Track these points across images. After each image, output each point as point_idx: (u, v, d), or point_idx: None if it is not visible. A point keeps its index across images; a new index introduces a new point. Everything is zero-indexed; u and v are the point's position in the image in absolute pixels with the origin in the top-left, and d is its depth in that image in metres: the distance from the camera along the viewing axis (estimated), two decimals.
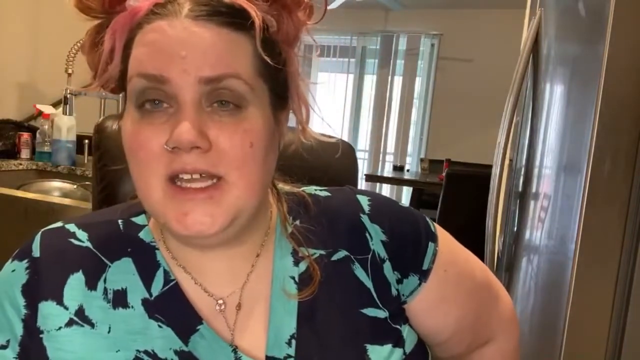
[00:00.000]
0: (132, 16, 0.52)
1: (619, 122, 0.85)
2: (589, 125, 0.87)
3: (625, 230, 0.86)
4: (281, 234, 0.62)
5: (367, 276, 0.61)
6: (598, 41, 0.87)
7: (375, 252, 0.62)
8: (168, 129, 0.49)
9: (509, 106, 1.35)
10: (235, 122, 0.50)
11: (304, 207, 0.64)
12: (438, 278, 0.64)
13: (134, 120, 0.51)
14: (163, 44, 0.49)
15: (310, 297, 0.59)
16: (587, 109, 0.90)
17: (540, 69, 1.36)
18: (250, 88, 0.51)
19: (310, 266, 0.60)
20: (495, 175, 1.37)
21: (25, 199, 1.73)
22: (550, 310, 1.01)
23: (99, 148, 0.84)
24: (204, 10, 0.50)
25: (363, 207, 0.65)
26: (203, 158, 0.49)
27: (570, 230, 0.92)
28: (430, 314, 0.65)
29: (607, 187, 0.86)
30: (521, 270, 1.33)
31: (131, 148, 0.52)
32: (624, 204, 0.86)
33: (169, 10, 0.50)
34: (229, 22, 0.51)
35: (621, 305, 0.87)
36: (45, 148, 2.42)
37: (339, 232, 0.63)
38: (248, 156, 0.51)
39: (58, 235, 0.59)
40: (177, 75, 0.49)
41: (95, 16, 0.55)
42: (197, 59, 0.49)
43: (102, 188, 0.82)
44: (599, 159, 0.86)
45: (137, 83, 0.50)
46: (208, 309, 0.57)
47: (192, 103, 0.49)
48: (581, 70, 1.01)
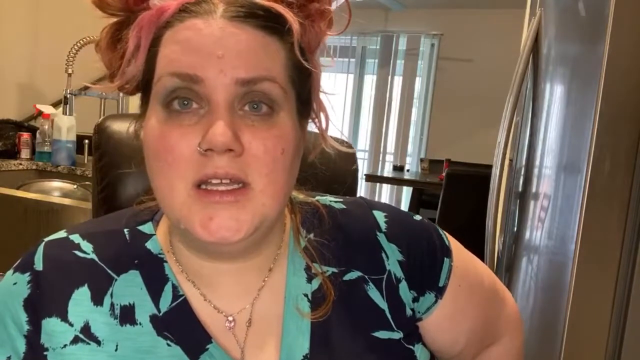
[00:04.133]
0: (159, 14, 0.50)
1: (619, 122, 0.85)
2: (589, 125, 0.87)
3: (625, 230, 0.86)
4: (294, 248, 0.60)
5: (382, 297, 0.60)
6: (598, 41, 0.87)
7: (391, 273, 0.60)
8: (199, 131, 0.47)
9: (509, 106, 1.35)
10: (267, 127, 0.49)
11: (318, 219, 0.62)
12: (452, 292, 0.63)
13: (160, 121, 0.49)
14: (198, 43, 0.48)
15: (324, 317, 0.57)
16: (587, 109, 0.90)
17: (540, 69, 1.36)
18: (284, 92, 0.50)
19: (323, 284, 0.58)
20: (495, 175, 1.38)
21: (25, 199, 1.73)
22: (550, 310, 1.01)
23: (99, 148, 0.83)
24: (241, 11, 0.49)
25: (379, 224, 0.63)
26: (234, 162, 0.47)
27: (570, 230, 0.92)
28: (444, 328, 0.64)
29: (607, 187, 0.86)
30: (521, 270, 1.33)
31: (157, 150, 0.49)
32: (624, 204, 0.86)
33: (203, 9, 0.49)
34: (264, 25, 0.49)
35: (621, 305, 0.87)
36: (45, 148, 2.42)
37: (354, 250, 0.61)
38: (278, 163, 0.49)
39: (62, 247, 0.57)
40: (212, 75, 0.47)
41: (114, 13, 0.53)
42: (234, 60, 0.47)
43: (102, 188, 0.82)
44: (599, 159, 0.86)
45: (167, 82, 0.48)
46: (217, 326, 0.55)
47: (225, 104, 0.47)
48: (581, 70, 1.01)
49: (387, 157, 5.86)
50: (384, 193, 5.82)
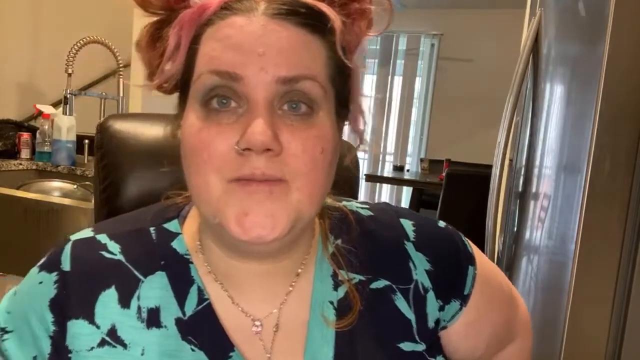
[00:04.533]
0: (201, 12, 0.50)
1: (619, 122, 0.85)
2: (589, 125, 0.87)
3: (625, 230, 0.86)
4: (322, 254, 0.59)
5: (409, 308, 0.59)
6: (598, 41, 0.87)
7: (418, 282, 0.60)
8: (238, 129, 0.46)
9: (509, 106, 1.35)
10: (307, 127, 0.48)
11: (346, 225, 0.61)
12: (476, 299, 0.63)
13: (198, 120, 0.48)
14: (239, 40, 0.47)
15: (349, 327, 0.56)
16: (587, 109, 0.90)
17: (540, 69, 1.36)
18: (324, 92, 0.49)
19: (349, 293, 0.57)
20: (495, 175, 1.38)
21: (25, 199, 1.73)
22: (550, 310, 1.01)
23: (101, 147, 0.83)
24: (282, 8, 0.48)
25: (407, 233, 0.62)
26: (272, 162, 0.46)
27: (570, 230, 0.92)
28: (467, 334, 0.64)
29: (607, 187, 0.86)
30: (521, 270, 1.33)
31: (194, 147, 0.48)
32: (624, 204, 0.86)
33: (244, 6, 0.48)
34: (305, 22, 0.49)
35: (621, 305, 0.87)
36: (45, 148, 2.42)
37: (381, 259, 0.60)
38: (318, 163, 0.48)
39: (89, 247, 0.55)
40: (253, 73, 0.46)
41: (155, 12, 0.52)
42: (275, 58, 0.46)
43: (104, 188, 0.82)
44: (599, 159, 0.86)
45: (207, 80, 0.48)
46: (244, 330, 0.54)
47: (265, 103, 0.46)
48: (581, 70, 1.01)
49: (387, 157, 5.86)
50: (384, 193, 5.82)
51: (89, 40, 2.30)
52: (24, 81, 2.92)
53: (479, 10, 5.16)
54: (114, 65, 2.49)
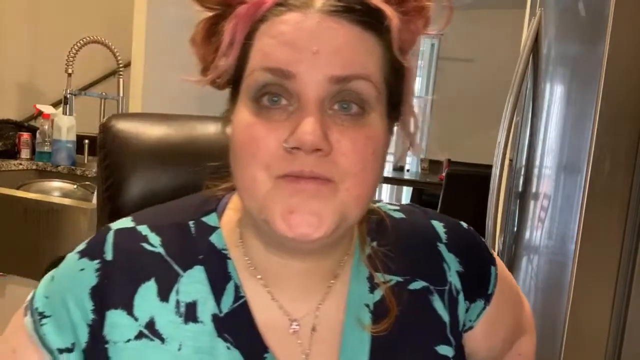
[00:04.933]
0: (256, 7, 0.49)
1: (619, 122, 0.85)
2: (589, 125, 0.87)
3: (625, 230, 0.86)
4: (359, 256, 0.58)
5: (445, 309, 0.59)
6: (598, 41, 0.87)
7: (452, 284, 0.60)
8: (288, 127, 0.46)
9: (509, 106, 1.35)
10: (358, 128, 0.47)
11: (382, 228, 0.60)
12: (496, 299, 0.64)
13: (249, 115, 0.48)
14: (293, 37, 0.46)
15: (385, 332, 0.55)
16: (587, 109, 0.90)
17: (540, 69, 1.36)
18: (377, 92, 0.48)
19: (386, 297, 0.56)
20: (495, 175, 1.38)
21: (25, 199, 1.73)
22: (550, 310, 1.01)
23: (104, 147, 0.84)
24: (339, 5, 0.47)
25: (440, 234, 0.62)
26: (321, 162, 0.46)
27: (570, 230, 0.92)
28: (487, 333, 0.64)
29: (607, 187, 0.86)
30: (521, 270, 1.33)
31: (244, 142, 0.47)
32: (624, 204, 0.86)
33: (300, 2, 0.47)
34: (361, 20, 0.47)
35: (621, 305, 0.87)
36: (45, 148, 2.42)
37: (417, 260, 0.60)
38: (368, 164, 0.47)
39: (131, 238, 0.55)
40: (305, 72, 0.45)
41: (211, 7, 0.52)
42: (329, 56, 0.46)
43: (107, 187, 0.83)
44: (599, 159, 0.86)
45: (259, 76, 0.47)
46: (280, 329, 0.54)
47: (316, 102, 0.46)
48: (581, 70, 1.01)
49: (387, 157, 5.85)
50: (384, 193, 5.82)
51: (89, 40, 2.30)
52: (24, 81, 2.92)
53: (479, 11, 5.16)
54: (114, 65, 2.49)
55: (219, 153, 0.53)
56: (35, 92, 2.89)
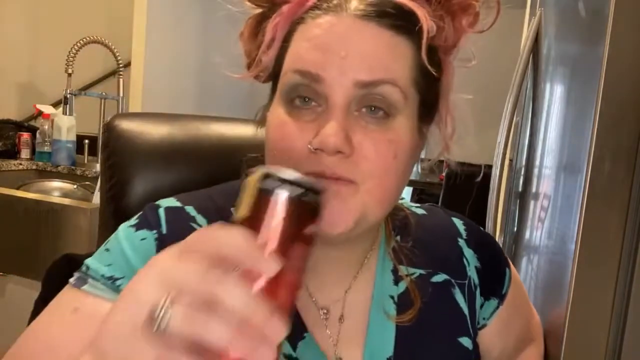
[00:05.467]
0: (297, 9, 0.51)
1: (619, 122, 0.85)
2: (589, 125, 0.87)
3: (625, 230, 0.86)
4: (385, 250, 0.61)
5: (465, 303, 0.61)
6: (598, 41, 0.87)
7: (471, 279, 0.62)
8: (314, 128, 0.47)
9: (509, 106, 1.35)
10: (382, 131, 0.48)
11: (406, 224, 0.63)
12: (509, 300, 0.66)
13: (281, 113, 0.50)
14: (324, 41, 0.48)
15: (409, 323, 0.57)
16: (587, 109, 0.90)
17: (540, 69, 1.36)
18: (404, 97, 0.49)
19: (410, 289, 0.58)
20: (495, 175, 1.38)
21: (25, 199, 1.73)
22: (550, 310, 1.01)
23: (107, 146, 0.84)
24: (371, 10, 0.48)
25: (460, 231, 0.65)
26: (343, 163, 0.47)
27: (570, 230, 0.92)
28: (500, 333, 0.66)
29: (607, 187, 0.86)
30: (521, 270, 1.33)
31: (274, 140, 0.50)
32: (624, 204, 0.86)
33: (334, 5, 0.49)
34: (393, 24, 0.48)
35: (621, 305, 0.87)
36: (45, 148, 2.42)
37: (439, 254, 0.62)
38: (390, 167, 0.49)
39: (181, 216, 0.57)
40: (333, 76, 0.47)
41: (259, 4, 0.54)
42: (356, 61, 0.47)
43: (110, 186, 0.83)
44: (599, 159, 0.86)
45: (291, 78, 0.49)
46: (313, 315, 0.56)
47: (342, 105, 0.47)
48: (581, 70, 1.01)
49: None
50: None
51: (89, 40, 2.30)
52: (24, 81, 2.92)
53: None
54: (114, 65, 2.49)
55: (222, 153, 0.54)
56: (35, 92, 2.89)
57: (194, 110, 2.71)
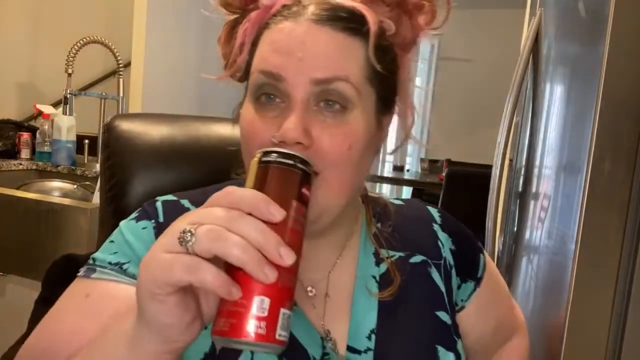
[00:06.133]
0: (263, 14, 0.56)
1: (619, 122, 0.85)
2: (589, 125, 0.87)
3: (625, 230, 0.86)
4: (366, 234, 0.66)
5: (441, 280, 0.66)
6: (598, 41, 0.87)
7: (446, 259, 0.68)
8: (278, 123, 0.52)
9: (509, 106, 1.35)
10: (338, 124, 0.53)
11: (385, 212, 0.69)
12: (485, 285, 0.71)
13: (251, 110, 0.55)
14: (284, 45, 0.53)
15: (390, 298, 0.63)
16: (587, 109, 0.90)
17: (540, 69, 1.36)
18: (358, 92, 0.54)
19: (390, 269, 0.64)
20: (495, 175, 1.38)
21: (25, 199, 1.73)
22: (550, 310, 1.01)
23: (107, 147, 0.84)
24: (324, 15, 0.53)
25: (435, 217, 0.71)
26: (304, 154, 0.51)
27: (570, 230, 0.92)
28: (479, 317, 0.71)
29: (607, 187, 0.86)
30: (521, 270, 1.33)
31: (245, 135, 0.56)
32: (624, 204, 0.86)
33: (293, 12, 0.54)
34: (346, 27, 0.53)
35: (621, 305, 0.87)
36: (45, 148, 2.41)
37: (416, 238, 0.68)
38: (345, 158, 0.53)
39: (176, 207, 0.62)
40: (292, 75, 0.52)
41: (233, 11, 0.60)
42: (312, 62, 0.52)
43: (110, 187, 0.83)
44: (599, 159, 0.86)
45: (257, 78, 0.54)
46: (300, 293, 0.61)
47: (301, 101, 0.52)
48: (581, 70, 1.01)
49: (387, 157, 5.85)
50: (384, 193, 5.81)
51: (89, 40, 2.30)
52: (24, 81, 2.92)
53: (479, 10, 5.16)
54: (114, 65, 2.49)
55: (222, 153, 0.56)
56: (35, 92, 2.89)
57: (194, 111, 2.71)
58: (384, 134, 0.61)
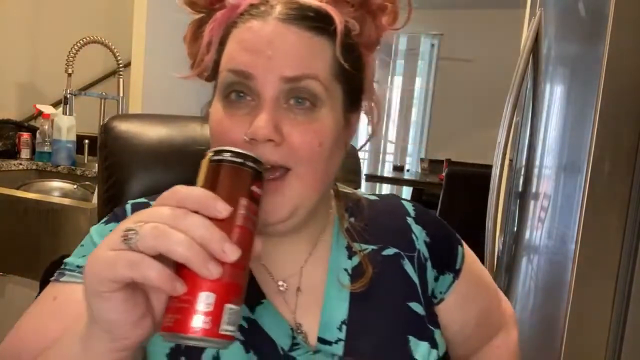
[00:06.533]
0: (229, 13, 0.57)
1: (619, 122, 0.85)
2: (589, 125, 0.87)
3: (625, 230, 0.86)
4: (339, 229, 0.67)
5: (415, 272, 0.67)
6: (598, 41, 0.87)
7: (420, 252, 0.68)
8: (249, 120, 0.53)
9: (509, 106, 1.35)
10: (308, 121, 0.54)
11: (358, 206, 0.70)
12: (465, 276, 0.71)
13: (220, 109, 0.56)
14: (252, 43, 0.54)
15: (362, 289, 0.63)
16: (587, 109, 0.90)
17: (540, 69, 1.36)
18: (326, 89, 0.55)
19: (362, 262, 0.65)
20: (495, 175, 1.38)
21: (25, 199, 1.73)
22: (550, 310, 1.01)
23: (105, 147, 0.84)
24: (292, 14, 0.54)
25: (409, 211, 0.71)
26: (275, 150, 0.53)
27: (570, 230, 0.92)
28: (460, 309, 0.71)
29: (607, 187, 0.86)
30: (521, 270, 1.33)
31: (215, 134, 0.56)
32: (624, 204, 0.86)
33: (261, 11, 0.55)
34: (313, 26, 0.54)
35: (621, 305, 0.87)
36: (45, 148, 2.41)
37: (389, 232, 0.69)
38: (316, 154, 0.54)
39: (145, 209, 0.62)
40: (261, 73, 0.53)
41: (199, 11, 0.60)
42: (281, 60, 0.53)
43: (108, 187, 0.83)
44: (599, 159, 0.86)
45: (226, 76, 0.55)
46: (271, 288, 0.62)
47: (271, 99, 0.53)
48: (581, 70, 1.01)
49: (387, 157, 5.86)
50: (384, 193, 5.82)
51: (89, 40, 2.30)
52: (24, 81, 2.92)
53: (479, 10, 5.17)
54: (114, 65, 2.49)
55: None
56: (35, 92, 2.89)
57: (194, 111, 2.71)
58: (352, 130, 0.62)
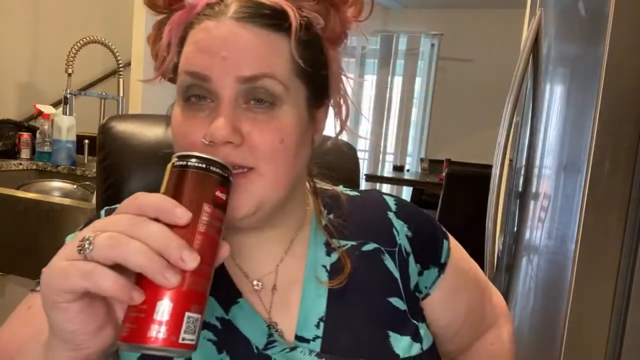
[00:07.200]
0: (187, 14, 0.56)
1: (619, 122, 0.85)
2: (589, 125, 0.87)
3: (625, 230, 0.86)
4: (316, 226, 0.66)
5: (396, 267, 0.65)
6: (598, 41, 0.87)
7: (401, 246, 0.67)
8: (208, 123, 0.52)
9: (509, 106, 1.35)
10: (268, 120, 0.53)
11: (337, 202, 0.69)
12: (452, 271, 0.70)
13: (180, 112, 0.55)
14: (207, 44, 0.53)
15: (340, 285, 0.62)
16: (587, 109, 0.90)
17: (540, 69, 1.36)
18: (285, 88, 0.54)
19: (341, 258, 0.64)
20: (495, 175, 1.38)
21: (25, 199, 1.73)
22: (550, 310, 1.01)
23: (103, 147, 0.84)
24: (247, 13, 0.53)
25: (390, 205, 0.70)
26: (236, 151, 0.52)
27: (570, 230, 0.92)
28: (447, 303, 0.70)
29: (607, 187, 0.86)
30: (521, 270, 1.33)
31: (176, 136, 0.55)
32: (624, 204, 0.86)
33: (215, 12, 0.54)
34: (269, 24, 0.53)
35: (621, 305, 0.87)
36: (45, 148, 2.41)
37: (369, 227, 0.67)
38: (278, 152, 0.54)
39: None
40: (218, 74, 0.52)
41: (160, 12, 0.59)
42: (237, 60, 0.52)
43: (106, 187, 0.83)
44: (599, 159, 0.86)
45: (184, 79, 0.54)
46: (246, 287, 0.61)
47: (229, 100, 0.52)
48: (581, 70, 1.01)
49: (387, 157, 5.86)
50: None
51: (89, 40, 2.30)
52: (24, 81, 2.92)
53: (479, 10, 5.17)
54: (114, 65, 2.49)
55: None
56: (35, 92, 2.89)
57: None
58: (320, 126, 0.61)
